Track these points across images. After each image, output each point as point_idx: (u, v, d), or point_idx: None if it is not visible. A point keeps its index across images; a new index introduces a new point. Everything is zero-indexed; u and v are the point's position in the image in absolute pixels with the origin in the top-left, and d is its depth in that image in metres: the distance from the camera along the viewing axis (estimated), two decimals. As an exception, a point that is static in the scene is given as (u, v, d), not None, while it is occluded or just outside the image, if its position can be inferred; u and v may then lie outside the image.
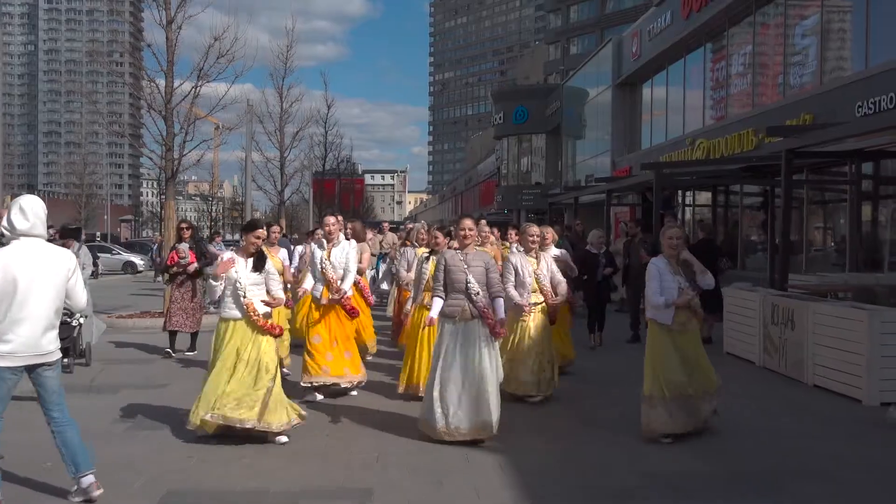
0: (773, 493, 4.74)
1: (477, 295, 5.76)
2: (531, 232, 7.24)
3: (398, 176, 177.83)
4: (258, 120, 26.11)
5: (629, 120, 26.70)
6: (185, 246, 9.60)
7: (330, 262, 7.14)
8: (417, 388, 6.94)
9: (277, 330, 5.94)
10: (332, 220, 7.29)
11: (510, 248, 8.82)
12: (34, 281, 4.28)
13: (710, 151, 18.16)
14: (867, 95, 12.46)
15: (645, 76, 25.30)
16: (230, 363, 5.66)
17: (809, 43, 15.88)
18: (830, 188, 15.32)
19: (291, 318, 8.94)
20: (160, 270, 18.72)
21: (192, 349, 9.70)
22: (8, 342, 4.19)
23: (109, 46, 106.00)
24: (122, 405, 6.82)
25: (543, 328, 7.09)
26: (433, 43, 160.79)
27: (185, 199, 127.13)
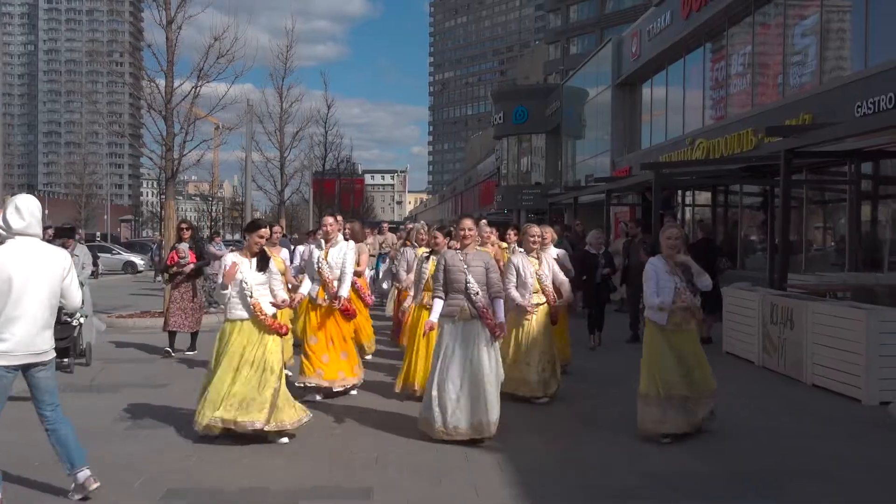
0: (772, 492, 4.75)
1: (476, 295, 5.76)
2: (532, 232, 7.21)
3: (398, 176, 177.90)
4: (258, 120, 26.09)
5: (629, 120, 26.72)
6: (185, 246, 9.61)
7: (327, 262, 7.15)
8: (413, 387, 6.96)
9: (284, 329, 5.96)
10: (330, 220, 7.30)
11: (508, 248, 8.82)
12: (29, 280, 4.28)
13: (709, 151, 18.18)
14: (866, 95, 12.47)
15: (644, 76, 25.32)
16: (235, 364, 5.66)
17: (809, 43, 15.90)
18: (830, 188, 15.34)
19: (294, 318, 8.94)
20: (160, 270, 18.75)
21: (191, 349, 9.72)
22: (4, 341, 4.20)
23: (109, 46, 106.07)
24: (122, 405, 6.83)
25: (546, 328, 7.09)
26: (433, 43, 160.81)
27: (185, 199, 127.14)
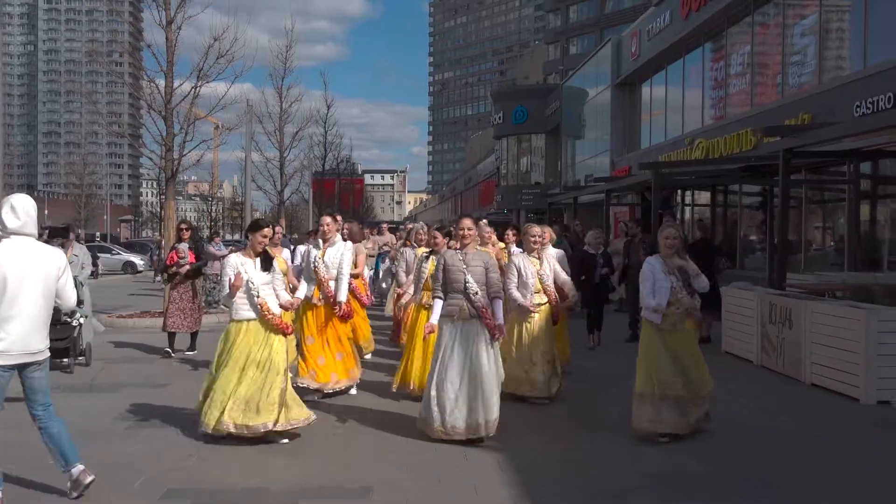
0: (771, 491, 4.76)
1: (476, 295, 5.75)
2: (533, 232, 7.18)
3: (398, 176, 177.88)
4: (258, 120, 26.19)
5: (628, 120, 26.74)
6: (184, 246, 9.61)
7: (323, 261, 7.17)
8: (409, 386, 6.98)
9: (290, 329, 5.99)
10: (328, 219, 7.32)
11: (507, 248, 8.82)
12: (24, 279, 4.28)
13: (709, 151, 18.19)
14: (866, 95, 12.49)
15: (644, 76, 25.33)
16: (242, 364, 5.66)
17: (808, 42, 15.91)
18: (829, 188, 15.35)
19: (295, 318, 8.94)
20: (159, 270, 18.78)
21: (191, 349, 9.72)
22: (0, 340, 4.21)
23: (109, 46, 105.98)
24: (122, 404, 6.82)
25: (548, 328, 7.08)
26: (433, 43, 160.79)
27: (184, 199, 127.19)
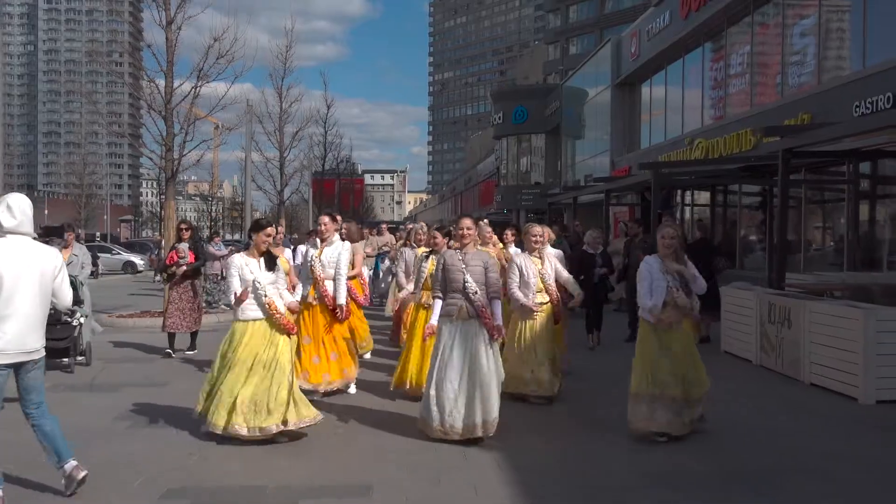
0: (770, 491, 4.77)
1: (475, 294, 5.76)
2: (534, 232, 7.17)
3: (398, 176, 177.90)
4: (258, 120, 26.23)
5: (628, 120, 26.75)
6: (185, 246, 9.62)
7: (320, 260, 7.19)
8: (405, 385, 7.01)
9: (294, 329, 6.02)
10: (325, 219, 7.36)
11: (505, 248, 8.84)
12: (20, 278, 4.28)
13: (708, 151, 18.20)
14: (865, 95, 12.50)
15: (644, 76, 25.34)
16: (249, 364, 5.65)
17: (808, 42, 15.92)
18: (828, 188, 15.36)
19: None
20: (158, 270, 18.79)
21: (191, 348, 9.74)
22: None
23: (109, 46, 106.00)
24: (122, 404, 6.84)
25: (550, 328, 7.08)
26: (433, 43, 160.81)
27: (184, 199, 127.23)
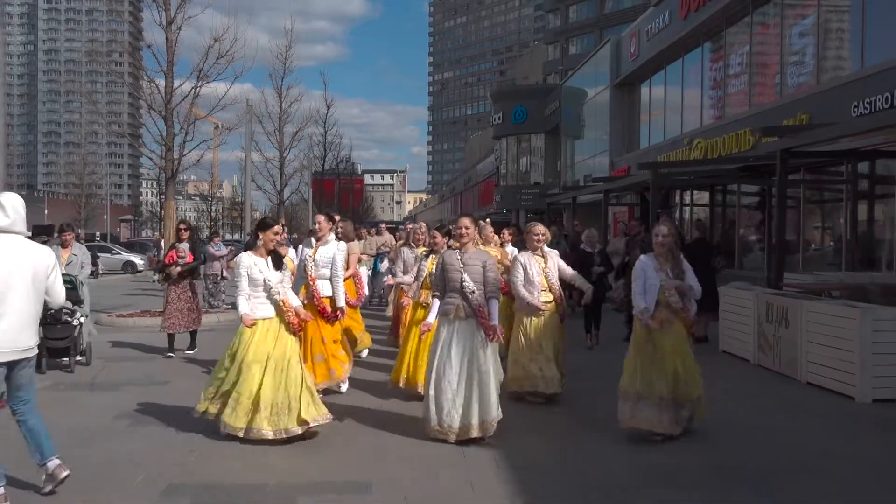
0: (770, 490, 4.79)
1: (472, 294, 5.77)
2: (536, 231, 7.17)
3: (398, 176, 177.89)
4: (257, 120, 26.23)
5: (627, 120, 26.76)
6: (185, 246, 9.63)
7: (313, 259, 7.22)
8: (399, 383, 7.07)
9: (300, 329, 6.05)
10: (321, 218, 7.41)
11: (503, 247, 8.88)
12: (13, 276, 4.30)
13: (707, 151, 18.22)
14: (863, 95, 12.52)
15: (643, 76, 25.36)
16: (264, 364, 5.66)
17: (807, 43, 15.94)
18: (827, 188, 15.39)
19: None
20: (156, 269, 18.82)
21: (192, 347, 9.76)
22: None
23: (109, 46, 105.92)
24: (123, 402, 6.87)
25: (557, 326, 7.09)
26: (433, 43, 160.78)
27: (184, 198, 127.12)
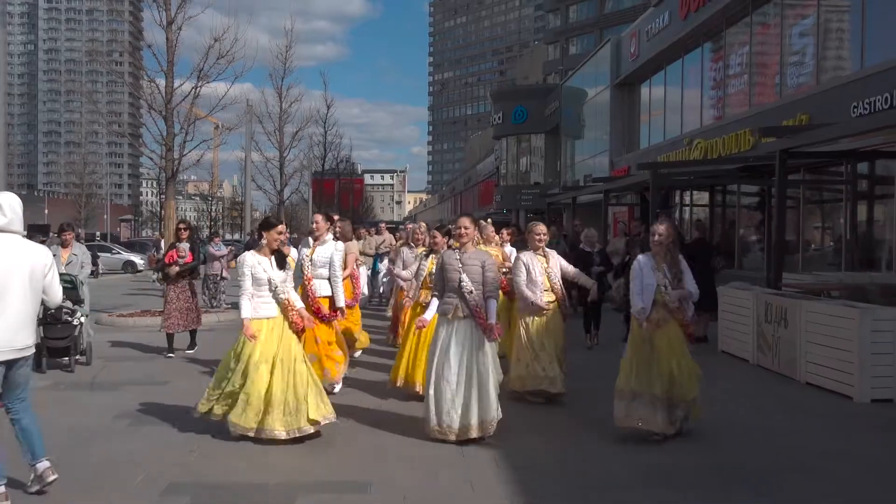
0: (770, 490, 4.80)
1: (470, 294, 5.77)
2: (538, 230, 7.17)
3: (398, 176, 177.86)
4: (258, 120, 26.25)
5: (627, 120, 26.77)
6: (185, 246, 9.64)
7: (311, 259, 7.24)
8: (395, 383, 7.10)
9: (302, 328, 6.09)
10: (319, 217, 7.44)
11: (502, 247, 8.91)
12: (11, 276, 4.29)
13: (707, 151, 18.23)
14: (863, 96, 12.52)
15: (643, 76, 25.37)
16: (270, 363, 5.67)
17: (806, 43, 15.95)
18: (827, 188, 15.40)
19: None
20: (156, 269, 18.84)
21: (191, 347, 9.77)
22: None
23: (109, 46, 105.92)
24: (123, 402, 6.88)
25: (560, 326, 7.10)
26: (433, 43, 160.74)
27: (184, 198, 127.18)
